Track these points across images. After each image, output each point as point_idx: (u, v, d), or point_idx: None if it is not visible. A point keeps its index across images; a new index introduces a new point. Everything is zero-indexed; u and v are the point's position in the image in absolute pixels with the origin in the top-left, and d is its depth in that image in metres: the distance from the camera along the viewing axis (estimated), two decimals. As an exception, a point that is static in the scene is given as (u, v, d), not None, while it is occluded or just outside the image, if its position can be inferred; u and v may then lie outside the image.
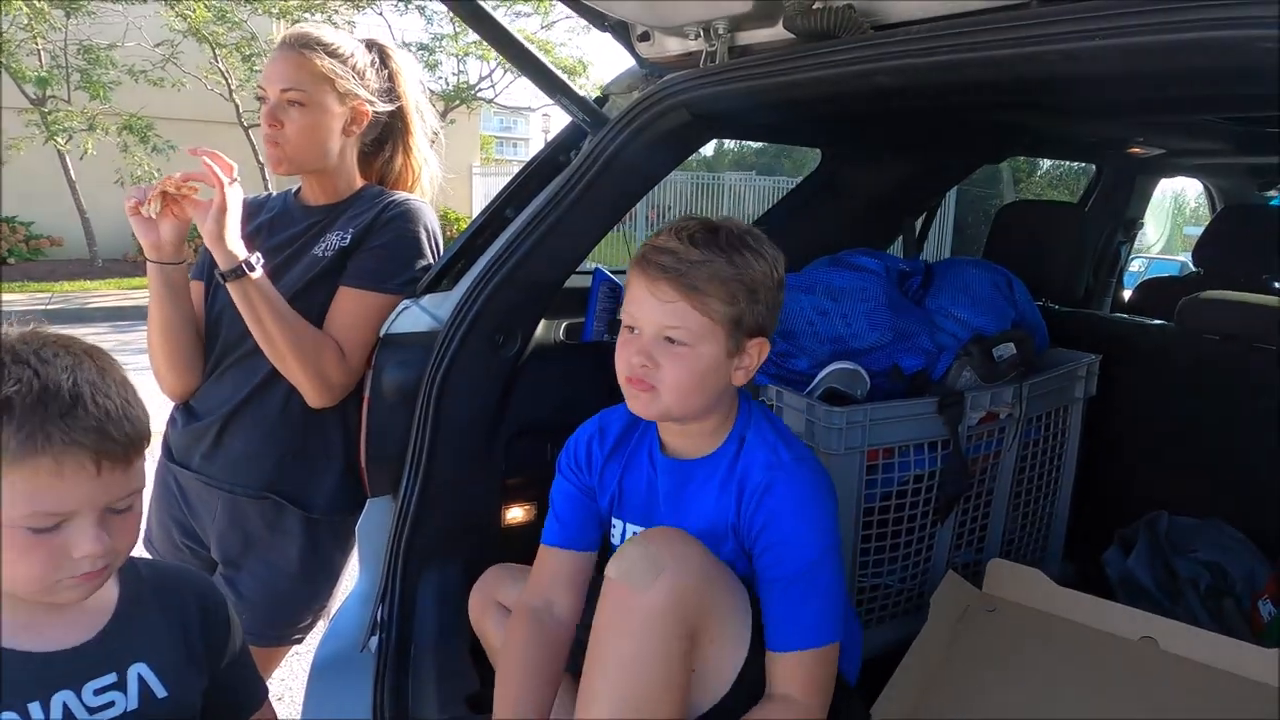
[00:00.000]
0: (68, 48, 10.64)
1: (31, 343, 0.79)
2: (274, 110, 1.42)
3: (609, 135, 1.36)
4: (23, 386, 0.75)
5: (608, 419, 1.19)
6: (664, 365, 1.01)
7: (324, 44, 1.43)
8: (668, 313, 1.00)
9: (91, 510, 0.78)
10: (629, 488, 1.16)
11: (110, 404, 0.78)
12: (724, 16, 1.26)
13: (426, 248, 1.50)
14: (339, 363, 1.40)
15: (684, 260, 0.99)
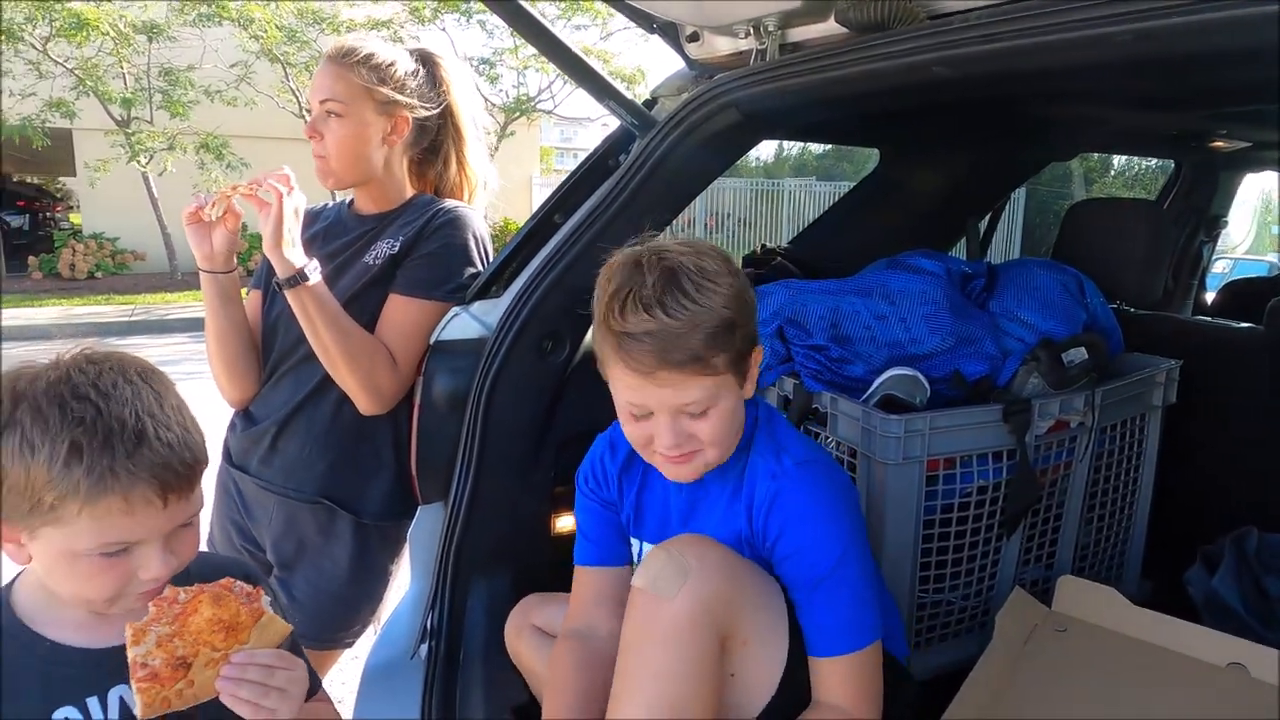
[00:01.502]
0: (150, 70, 11.14)
1: (88, 372, 0.79)
2: (314, 122, 1.45)
3: (657, 137, 1.34)
4: (87, 428, 0.75)
5: (617, 433, 1.15)
6: (699, 431, 0.97)
7: (362, 55, 1.45)
8: (677, 394, 0.95)
9: (159, 536, 0.81)
10: (645, 505, 1.14)
11: (172, 435, 0.80)
12: (774, 13, 1.23)
13: (475, 255, 1.50)
14: (390, 371, 1.41)
15: (669, 335, 0.91)
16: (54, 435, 0.75)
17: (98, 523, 0.76)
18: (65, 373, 0.78)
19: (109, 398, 0.77)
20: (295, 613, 1.45)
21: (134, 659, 0.79)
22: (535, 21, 1.37)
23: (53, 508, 0.75)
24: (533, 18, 1.36)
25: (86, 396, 0.77)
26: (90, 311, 10.05)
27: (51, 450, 0.74)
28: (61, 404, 0.76)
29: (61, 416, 0.75)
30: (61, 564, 0.79)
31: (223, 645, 0.82)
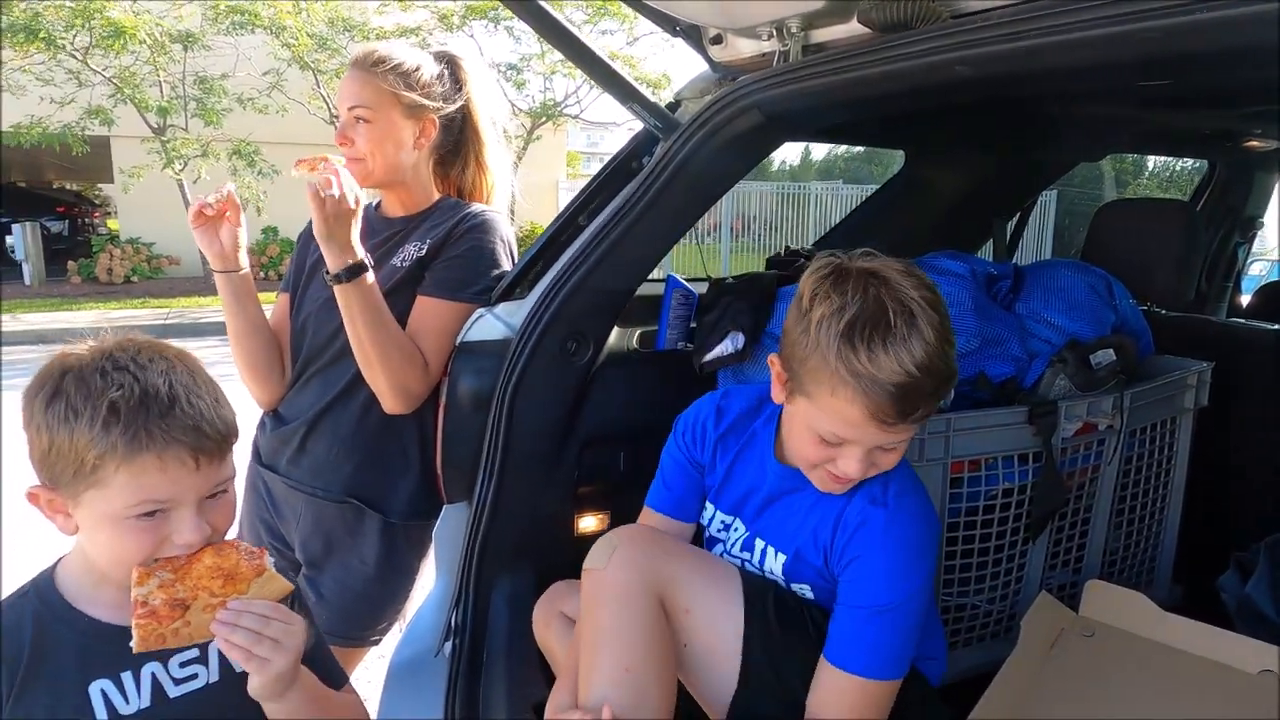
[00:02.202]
0: (185, 79, 11.36)
1: (129, 349, 0.87)
2: (344, 128, 1.47)
3: (680, 140, 1.35)
4: (125, 391, 0.82)
5: (729, 401, 1.18)
6: (880, 463, 1.00)
7: (388, 60, 1.47)
8: (889, 436, 0.96)
9: (192, 500, 0.86)
10: (735, 478, 1.15)
11: (203, 404, 0.86)
12: (797, 15, 1.23)
13: (502, 258, 1.52)
14: (419, 371, 1.43)
15: (918, 391, 0.91)
16: (94, 399, 0.81)
17: (135, 480, 0.82)
18: (108, 349, 0.86)
19: (145, 369, 0.84)
20: (322, 610, 1.47)
21: (135, 597, 0.83)
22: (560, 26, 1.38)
23: (94, 468, 0.81)
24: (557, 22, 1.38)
25: (125, 367, 0.84)
26: (127, 315, 10.25)
27: (92, 412, 0.81)
28: (102, 373, 0.83)
29: (102, 383, 0.82)
30: (103, 527, 0.84)
31: (221, 592, 0.86)
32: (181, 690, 0.91)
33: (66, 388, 0.83)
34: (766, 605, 1.04)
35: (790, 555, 1.07)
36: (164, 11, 10.96)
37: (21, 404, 0.86)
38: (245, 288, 1.50)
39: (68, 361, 0.85)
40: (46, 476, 0.85)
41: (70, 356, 0.86)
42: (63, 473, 0.83)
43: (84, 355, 0.86)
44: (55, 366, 0.86)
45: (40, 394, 0.84)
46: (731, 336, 1.41)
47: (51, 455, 0.83)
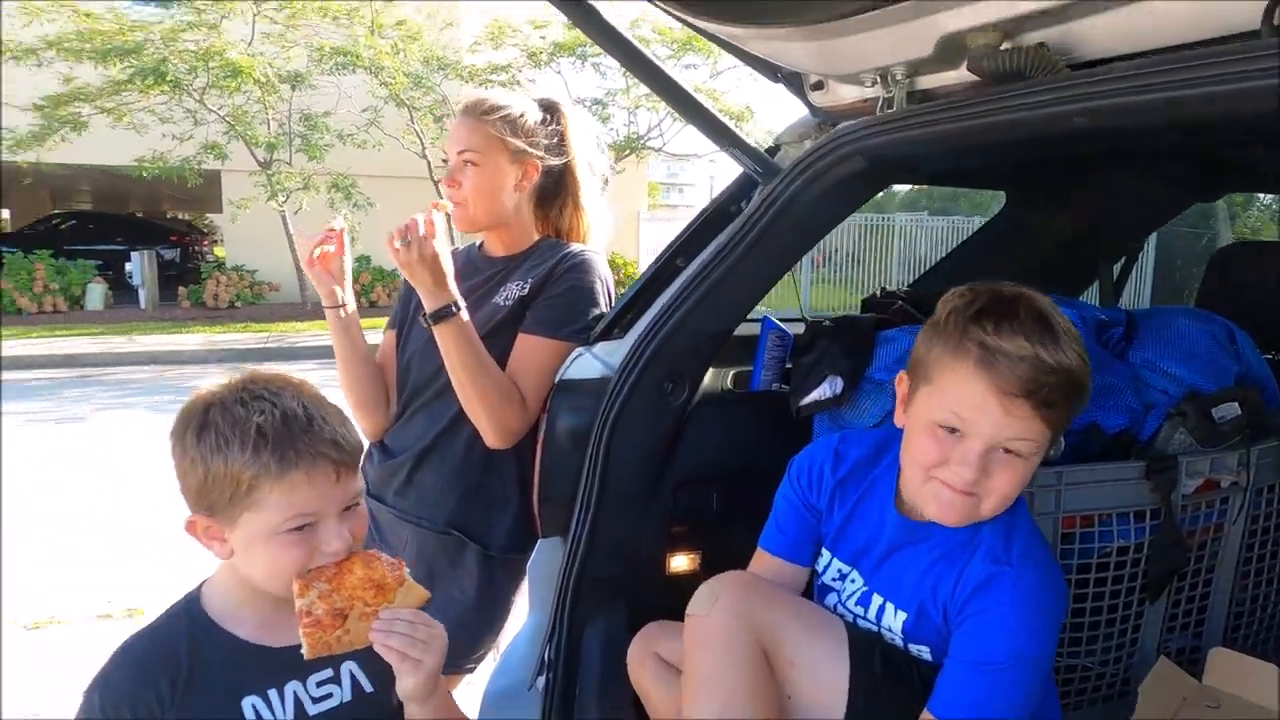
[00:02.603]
0: (291, 116, 12.02)
1: (259, 380, 0.94)
2: (453, 171, 1.53)
3: (781, 184, 1.36)
4: (267, 415, 0.89)
5: (846, 445, 1.17)
6: (995, 477, 0.95)
7: (496, 107, 1.53)
8: (1019, 428, 0.92)
9: (335, 511, 0.92)
10: (853, 526, 1.14)
11: (333, 422, 0.93)
12: (903, 62, 1.23)
13: (600, 297, 1.55)
14: (518, 407, 1.47)
15: (1043, 366, 0.91)
16: (241, 426, 0.88)
17: (287, 496, 0.88)
18: (240, 382, 0.93)
19: (279, 395, 0.92)
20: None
21: (300, 608, 0.90)
22: (663, 73, 1.42)
23: (250, 489, 0.88)
24: (660, 70, 1.41)
25: (261, 395, 0.91)
26: (230, 338, 10.81)
27: (242, 438, 0.88)
28: (242, 402, 0.90)
29: (245, 411, 0.89)
30: (260, 544, 0.90)
31: (373, 601, 0.92)
32: (319, 709, 0.97)
33: (214, 419, 0.89)
34: (873, 658, 1.02)
35: (912, 613, 1.05)
36: (275, 53, 11.67)
37: (174, 444, 0.92)
38: (352, 323, 1.58)
39: (207, 397, 0.92)
40: (203, 505, 0.91)
41: (208, 392, 0.93)
42: (219, 498, 0.89)
43: (221, 390, 0.93)
44: (197, 403, 0.92)
45: (189, 429, 0.91)
46: (830, 380, 1.40)
47: (208, 484, 0.89)
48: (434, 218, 1.40)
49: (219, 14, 11.15)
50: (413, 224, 1.38)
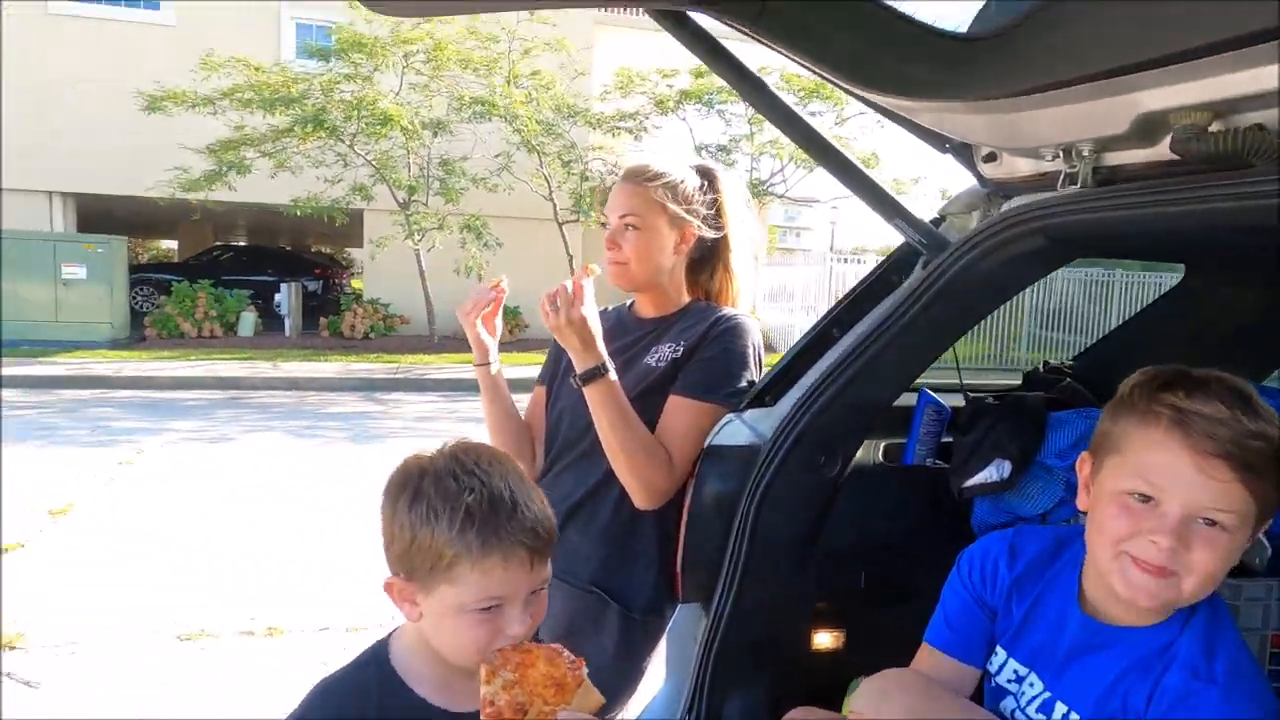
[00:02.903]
0: (431, 160, 12.73)
1: (470, 454, 0.96)
2: (613, 234, 1.57)
3: (950, 258, 1.32)
4: (476, 495, 0.91)
5: (1022, 540, 1.11)
6: (1195, 551, 0.87)
7: (658, 175, 1.56)
8: (1218, 494, 0.85)
9: (523, 596, 0.94)
10: (1032, 626, 1.07)
11: (535, 508, 0.95)
12: (1091, 138, 1.18)
13: (752, 363, 1.55)
14: (666, 469, 1.47)
15: (1242, 434, 0.85)
16: (452, 502, 0.91)
17: (484, 578, 0.91)
18: (452, 454, 0.96)
19: (489, 474, 0.94)
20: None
21: (484, 696, 0.91)
22: (824, 141, 1.42)
23: (450, 565, 0.90)
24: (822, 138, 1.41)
25: (472, 472, 0.93)
26: (363, 367, 11.41)
27: (451, 515, 0.90)
28: (455, 477, 0.92)
29: (456, 487, 0.92)
30: (448, 618, 0.93)
31: (553, 700, 0.93)
32: None
33: (426, 490, 0.92)
34: None
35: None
36: (420, 102, 12.43)
37: (385, 503, 0.96)
38: (500, 380, 1.64)
39: (423, 465, 0.95)
40: (404, 569, 0.95)
41: (424, 460, 0.96)
42: (420, 566, 0.92)
43: (435, 460, 0.96)
44: (413, 470, 0.96)
45: (403, 495, 0.94)
46: (996, 464, 1.34)
47: (412, 550, 0.92)
48: (583, 282, 1.43)
49: (372, 66, 11.99)
50: (561, 289, 1.42)
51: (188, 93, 11.62)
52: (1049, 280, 13.53)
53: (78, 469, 5.96)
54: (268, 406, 8.97)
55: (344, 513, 5.12)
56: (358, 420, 8.36)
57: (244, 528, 4.80)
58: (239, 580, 4.02)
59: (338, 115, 11.72)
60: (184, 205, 12.80)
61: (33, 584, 3.87)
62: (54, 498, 5.21)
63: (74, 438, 7.02)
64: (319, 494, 5.57)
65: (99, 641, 3.33)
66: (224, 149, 11.88)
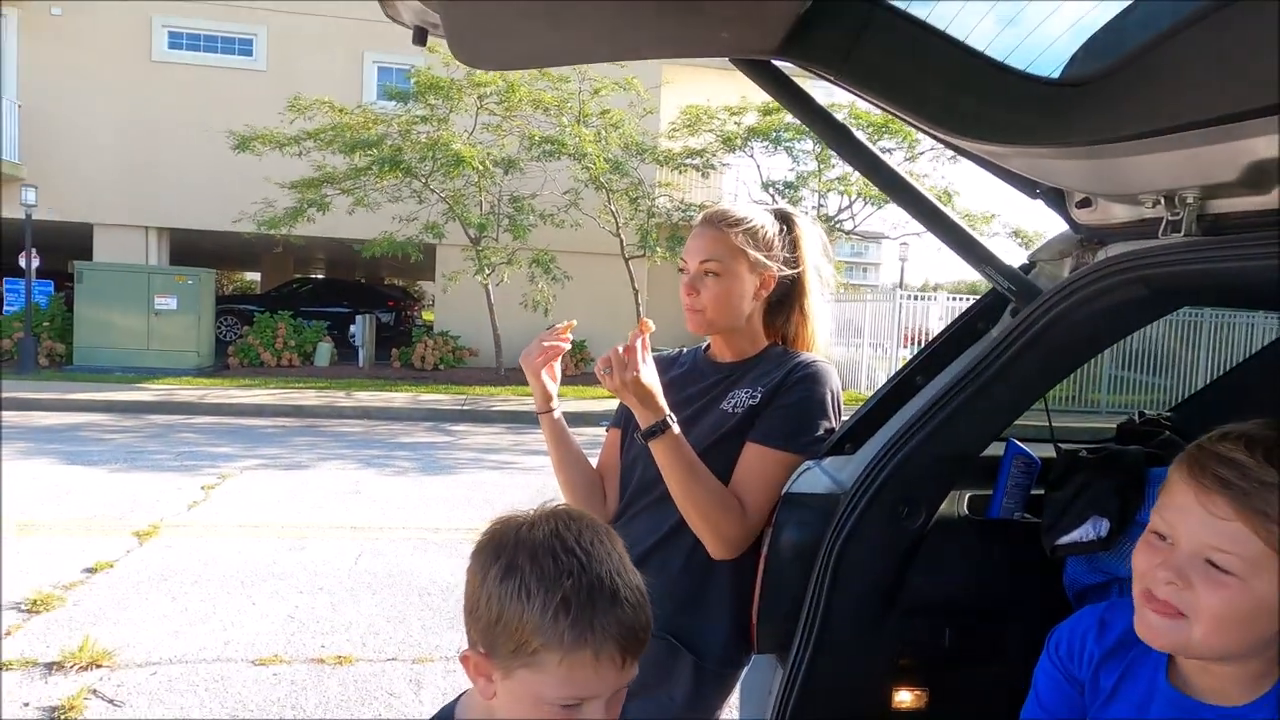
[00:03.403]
0: (501, 198, 13.06)
1: (572, 529, 0.86)
2: (693, 280, 1.56)
3: (1043, 306, 1.28)
4: (575, 580, 0.82)
5: (1113, 614, 1.06)
6: (1201, 593, 0.85)
7: (738, 220, 1.55)
8: (1217, 531, 0.84)
9: (607, 695, 0.85)
10: (1120, 700, 1.02)
11: (635, 596, 0.85)
12: (1196, 185, 1.13)
13: (830, 410, 1.52)
14: (739, 520, 1.45)
15: (1252, 478, 0.84)
16: (548, 585, 0.81)
17: (570, 673, 0.81)
18: (555, 526, 0.86)
19: (590, 555, 0.84)
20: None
21: None
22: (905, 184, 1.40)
23: (535, 653, 0.81)
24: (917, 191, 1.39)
25: (573, 550, 0.83)
26: (432, 399, 11.66)
27: (545, 599, 0.81)
28: (554, 555, 0.83)
29: (555, 567, 0.82)
30: (524, 705, 0.85)
31: None
32: None
33: (521, 565, 0.83)
34: None
35: None
36: (491, 141, 12.80)
37: (474, 566, 0.87)
38: (563, 426, 1.65)
39: (521, 534, 0.86)
40: (484, 643, 0.86)
41: (521, 528, 0.87)
42: (503, 645, 0.83)
43: (535, 529, 0.86)
44: (509, 538, 0.86)
45: (496, 565, 0.84)
46: (1094, 521, 1.28)
47: (497, 628, 0.83)
48: (634, 344, 1.42)
49: (448, 108, 12.42)
50: (614, 352, 1.41)
51: (275, 134, 12.22)
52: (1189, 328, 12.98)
53: (163, 492, 6.21)
54: (340, 436, 9.22)
55: (414, 542, 5.21)
56: (426, 450, 8.52)
57: (317, 554, 4.91)
58: (312, 607, 4.11)
59: (413, 156, 12.15)
60: (267, 239, 13.40)
61: (120, 604, 4.02)
62: (140, 519, 5.44)
63: (160, 462, 7.32)
64: (389, 523, 5.67)
65: (179, 663, 3.44)
66: (306, 187, 12.41)
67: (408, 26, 1.30)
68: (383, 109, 13.10)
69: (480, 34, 1.09)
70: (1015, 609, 1.51)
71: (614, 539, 0.89)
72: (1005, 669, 1.43)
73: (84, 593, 4.14)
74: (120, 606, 3.99)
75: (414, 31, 1.29)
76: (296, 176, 12.49)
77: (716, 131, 13.80)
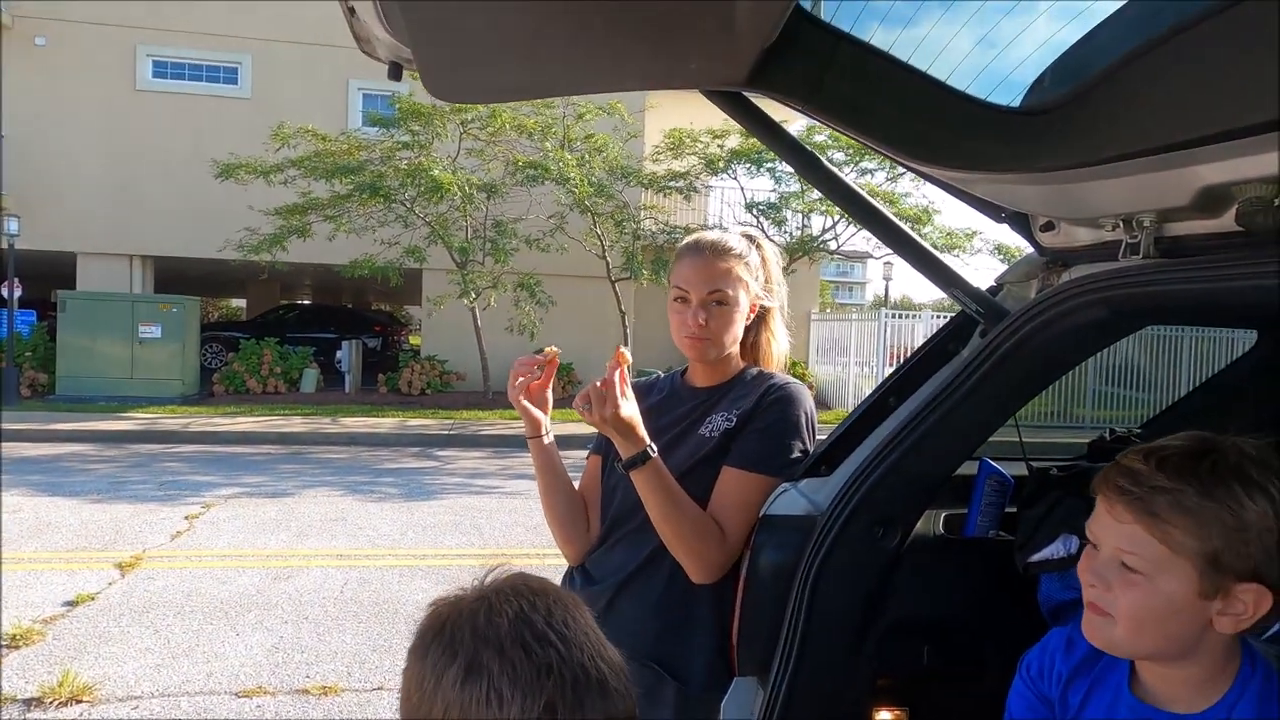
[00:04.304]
0: (485, 222, 13.10)
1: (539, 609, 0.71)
2: (700, 308, 1.55)
3: (1010, 328, 1.31)
4: (556, 679, 0.67)
5: (1079, 632, 1.07)
6: (1117, 593, 0.92)
7: (736, 251, 1.57)
8: (1121, 535, 0.92)
9: None
10: (1088, 709, 1.05)
11: (621, 681, 0.71)
12: (1152, 210, 1.17)
13: (805, 431, 1.54)
14: (719, 545, 1.46)
15: (1145, 484, 0.91)
16: (525, 688, 0.66)
17: None
18: (519, 608, 0.70)
19: (568, 640, 0.69)
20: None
21: None
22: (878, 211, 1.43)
23: None
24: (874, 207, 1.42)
25: (545, 638, 0.69)
26: (419, 424, 11.61)
27: (524, 705, 0.66)
28: (525, 647, 0.68)
29: (530, 663, 0.67)
30: None
31: None
32: None
33: (487, 665, 0.67)
34: None
35: None
36: (475, 166, 12.87)
37: (415, 665, 0.71)
38: (553, 452, 1.64)
39: (479, 624, 0.69)
40: None
41: (478, 615, 0.70)
42: None
43: (494, 615, 0.70)
44: (463, 629, 0.69)
45: (453, 667, 0.68)
46: (1064, 539, 1.30)
47: None
48: (612, 378, 1.43)
49: (430, 135, 12.49)
50: (593, 387, 1.42)
51: (257, 162, 12.24)
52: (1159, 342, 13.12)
53: (146, 522, 6.15)
54: (325, 462, 9.16)
55: (401, 570, 5.17)
56: (413, 475, 8.48)
57: (303, 583, 4.87)
58: (297, 636, 4.07)
59: (394, 182, 12.19)
60: (253, 265, 13.38)
61: (102, 637, 3.97)
62: (122, 550, 5.38)
63: (143, 492, 7.25)
64: (375, 551, 5.63)
65: (161, 696, 3.39)
66: (290, 213, 12.42)
67: (383, 62, 1.33)
68: (366, 135, 13.15)
69: (452, 69, 1.11)
70: (992, 626, 1.52)
71: (582, 609, 0.75)
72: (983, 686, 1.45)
73: (64, 626, 4.09)
74: (101, 640, 3.94)
75: (389, 67, 1.31)
76: (281, 203, 12.50)
77: (700, 154, 13.92)
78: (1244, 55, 0.87)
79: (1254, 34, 0.84)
